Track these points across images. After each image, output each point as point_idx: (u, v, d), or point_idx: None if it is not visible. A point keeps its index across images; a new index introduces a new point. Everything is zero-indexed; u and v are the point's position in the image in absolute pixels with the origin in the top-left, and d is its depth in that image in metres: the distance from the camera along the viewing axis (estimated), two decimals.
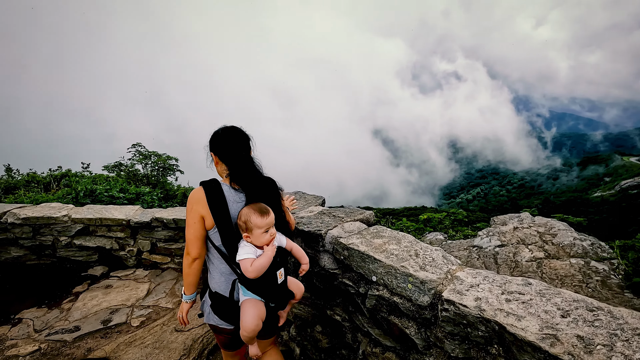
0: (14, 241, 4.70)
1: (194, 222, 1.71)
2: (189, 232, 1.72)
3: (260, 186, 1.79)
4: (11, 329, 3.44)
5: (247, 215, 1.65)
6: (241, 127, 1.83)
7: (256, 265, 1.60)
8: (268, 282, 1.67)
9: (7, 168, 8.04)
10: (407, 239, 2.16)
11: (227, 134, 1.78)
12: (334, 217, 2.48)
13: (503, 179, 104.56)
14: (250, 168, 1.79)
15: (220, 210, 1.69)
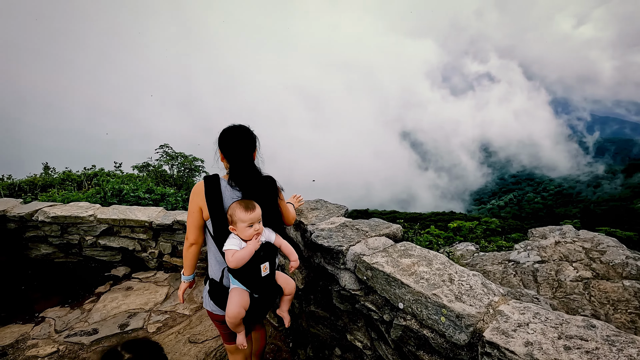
0: (44, 239, 4.82)
1: (193, 211, 1.89)
2: (189, 220, 1.92)
3: (255, 185, 1.90)
4: (34, 328, 3.47)
5: (233, 209, 1.78)
6: (248, 126, 1.94)
7: (236, 257, 1.72)
8: (252, 273, 1.79)
9: (45, 166, 8.39)
10: (439, 259, 1.91)
11: (231, 133, 1.89)
12: (357, 230, 2.26)
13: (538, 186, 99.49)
14: (248, 167, 1.90)
15: (215, 203, 1.84)
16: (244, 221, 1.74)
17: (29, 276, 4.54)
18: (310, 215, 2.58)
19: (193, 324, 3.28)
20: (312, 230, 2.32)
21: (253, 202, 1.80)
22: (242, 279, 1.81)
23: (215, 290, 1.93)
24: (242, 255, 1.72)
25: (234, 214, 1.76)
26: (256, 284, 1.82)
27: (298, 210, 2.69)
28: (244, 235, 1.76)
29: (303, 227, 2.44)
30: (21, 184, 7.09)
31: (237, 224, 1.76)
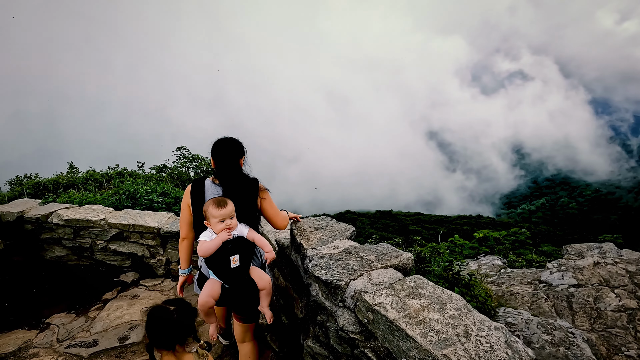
0: (58, 241, 4.86)
1: (183, 209, 2.20)
2: (181, 217, 2.22)
3: (235, 184, 2.12)
4: (37, 335, 3.44)
5: (206, 205, 1.97)
6: (238, 139, 2.21)
7: (204, 246, 1.91)
8: (221, 264, 1.95)
9: (71, 165, 8.63)
10: (454, 302, 1.62)
11: (219, 143, 2.17)
12: (362, 259, 2.00)
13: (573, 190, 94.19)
14: (231, 169, 2.13)
15: (197, 200, 2.11)
16: (215, 217, 1.92)
17: (42, 278, 4.58)
18: (312, 237, 2.34)
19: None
20: (312, 256, 2.07)
21: (225, 200, 1.97)
22: (214, 269, 2.01)
23: (201, 280, 2.19)
24: (208, 245, 1.90)
25: (207, 210, 1.96)
26: (226, 274, 1.98)
27: (300, 229, 2.46)
28: (216, 229, 1.94)
29: (303, 252, 2.20)
30: (46, 183, 7.29)
31: (209, 219, 1.96)
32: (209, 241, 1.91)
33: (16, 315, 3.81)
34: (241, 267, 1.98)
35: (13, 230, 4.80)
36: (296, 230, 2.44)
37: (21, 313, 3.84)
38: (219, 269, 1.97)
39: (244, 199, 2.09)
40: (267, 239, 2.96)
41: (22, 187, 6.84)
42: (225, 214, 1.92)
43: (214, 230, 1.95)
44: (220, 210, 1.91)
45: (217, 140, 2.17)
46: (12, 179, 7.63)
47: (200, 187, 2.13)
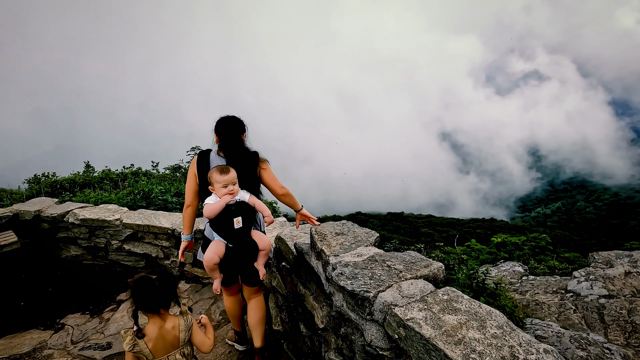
0: (73, 240, 4.86)
1: (190, 178, 2.37)
2: (186, 186, 2.39)
3: (237, 154, 2.34)
4: (52, 336, 3.41)
5: (211, 172, 2.18)
6: (239, 117, 2.44)
7: (209, 208, 2.10)
8: (225, 225, 2.16)
9: (87, 165, 8.71)
10: (494, 319, 1.48)
11: (223, 120, 2.40)
12: (389, 268, 1.87)
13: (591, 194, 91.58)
14: (234, 141, 2.35)
15: (203, 169, 2.32)
16: (218, 182, 2.12)
17: (58, 277, 4.58)
18: (334, 243, 2.22)
19: None
20: (335, 264, 1.96)
21: (228, 167, 2.16)
22: (218, 230, 2.21)
23: (206, 244, 2.38)
24: (213, 207, 2.09)
25: (212, 176, 2.16)
26: (229, 234, 2.19)
27: (321, 234, 2.34)
28: (219, 194, 2.14)
29: (325, 258, 2.08)
30: (63, 182, 7.35)
31: (214, 185, 2.15)
32: (213, 203, 2.11)
33: (32, 314, 3.80)
34: (244, 228, 2.20)
35: (30, 229, 4.83)
36: (316, 235, 2.33)
37: (37, 312, 3.83)
38: (223, 230, 2.18)
39: (245, 168, 2.31)
40: (285, 242, 2.85)
41: (40, 186, 6.91)
42: (228, 180, 2.12)
43: (217, 195, 2.15)
44: (223, 177, 2.11)
45: (220, 117, 2.40)
46: (31, 177, 7.73)
47: (206, 158, 2.34)
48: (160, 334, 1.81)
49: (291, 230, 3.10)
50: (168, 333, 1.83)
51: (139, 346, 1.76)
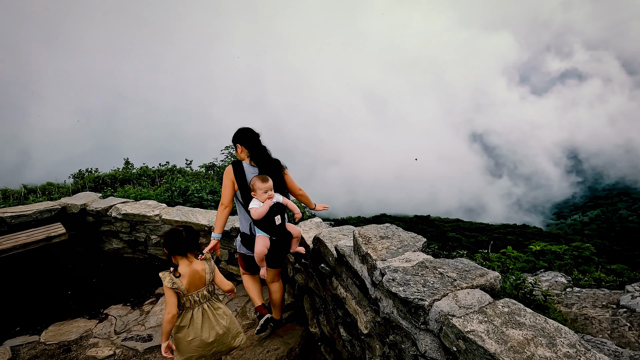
0: (115, 234, 5.06)
1: (227, 184, 2.73)
2: (224, 191, 2.74)
3: (267, 164, 2.76)
4: (97, 325, 3.56)
5: (253, 181, 2.61)
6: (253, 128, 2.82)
7: (257, 212, 2.56)
8: (269, 223, 2.66)
9: (126, 162, 9.08)
10: (565, 337, 1.37)
11: (247, 131, 2.78)
12: (441, 276, 1.79)
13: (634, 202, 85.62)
14: (262, 152, 2.77)
15: (241, 178, 2.71)
16: (260, 189, 2.57)
17: (101, 269, 4.78)
18: (380, 247, 2.16)
19: (243, 345, 3.05)
20: (383, 269, 1.90)
21: (267, 177, 2.61)
22: (263, 228, 2.68)
23: (245, 239, 2.86)
24: (260, 211, 2.56)
25: (255, 184, 2.59)
26: (272, 230, 2.70)
27: (365, 237, 2.29)
28: (261, 198, 2.58)
29: (371, 262, 2.03)
30: (105, 177, 7.71)
31: (256, 191, 2.59)
32: (259, 207, 2.56)
33: (78, 303, 3.99)
34: (282, 224, 2.74)
35: (76, 222, 5.07)
36: (360, 238, 2.28)
37: (82, 302, 4.01)
38: (267, 227, 2.67)
39: (274, 175, 2.71)
40: (324, 244, 2.82)
41: (84, 181, 7.28)
42: (268, 187, 2.58)
43: (259, 199, 2.59)
44: (264, 184, 2.57)
45: (243, 129, 2.76)
46: (76, 172, 8.15)
47: (241, 168, 2.72)
48: (190, 273, 2.18)
49: (329, 232, 3.07)
50: (197, 274, 2.22)
51: (177, 284, 2.12)
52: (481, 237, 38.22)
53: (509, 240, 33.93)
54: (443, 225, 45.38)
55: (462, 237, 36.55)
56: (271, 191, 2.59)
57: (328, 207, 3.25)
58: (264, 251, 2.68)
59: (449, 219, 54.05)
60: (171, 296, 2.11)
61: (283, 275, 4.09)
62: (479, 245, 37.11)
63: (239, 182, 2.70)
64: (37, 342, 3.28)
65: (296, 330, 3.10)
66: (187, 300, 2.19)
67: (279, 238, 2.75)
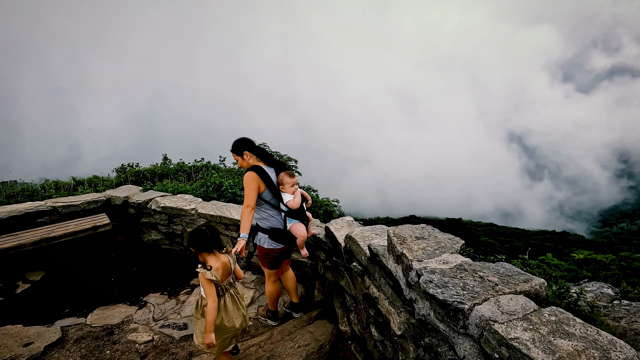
0: (154, 225, 5.30)
1: (253, 188, 2.86)
2: (251, 193, 2.86)
3: (279, 163, 3.13)
4: (137, 311, 3.74)
5: (282, 176, 3.00)
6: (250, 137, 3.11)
7: (295, 201, 2.96)
8: (301, 210, 3.05)
9: (165, 157, 9.48)
10: (620, 350, 1.28)
11: (250, 140, 3.06)
12: (481, 280, 1.72)
13: None
14: (270, 155, 3.13)
15: (268, 179, 2.93)
16: (289, 183, 2.96)
17: (140, 259, 5.03)
18: (416, 247, 2.11)
19: (274, 339, 3.11)
20: (420, 270, 1.85)
21: (293, 172, 3.00)
22: (297, 216, 3.05)
23: (277, 234, 3.01)
24: (297, 199, 2.97)
25: (283, 179, 2.98)
26: (303, 216, 3.10)
27: (400, 237, 2.25)
28: (289, 191, 2.97)
29: (407, 263, 1.99)
30: (145, 172, 8.09)
31: (284, 185, 2.97)
32: (295, 198, 2.96)
33: (120, 289, 4.22)
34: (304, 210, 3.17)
35: (119, 213, 5.36)
36: (395, 238, 2.24)
37: (123, 289, 4.24)
38: (300, 214, 3.06)
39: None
40: (356, 243, 2.80)
41: (126, 174, 7.68)
42: (295, 181, 2.98)
43: (288, 192, 2.96)
44: (293, 179, 2.97)
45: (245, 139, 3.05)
46: (118, 167, 8.62)
47: (264, 171, 2.94)
48: (221, 266, 2.43)
49: (362, 231, 3.04)
50: (225, 265, 2.49)
51: (215, 276, 2.35)
52: (516, 243, 36.48)
53: (547, 247, 32.14)
54: (475, 229, 43.76)
55: (496, 243, 35.08)
56: (297, 185, 3.01)
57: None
58: (305, 235, 3.07)
59: (481, 222, 52.01)
60: (211, 287, 2.31)
61: (314, 272, 4.11)
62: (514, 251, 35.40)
63: (267, 184, 2.91)
64: (83, 324, 3.51)
65: (326, 328, 3.11)
66: (221, 290, 2.43)
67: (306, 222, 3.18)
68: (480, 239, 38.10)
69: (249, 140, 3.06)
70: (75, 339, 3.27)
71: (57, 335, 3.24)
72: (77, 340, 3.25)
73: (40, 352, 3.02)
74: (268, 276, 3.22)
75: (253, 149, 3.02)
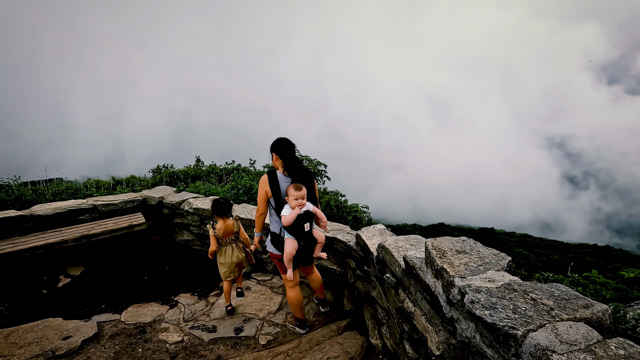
0: (186, 226, 5.42)
1: (261, 193, 2.96)
2: (260, 199, 2.99)
3: (300, 174, 2.92)
4: (168, 311, 3.80)
5: (288, 188, 2.80)
6: (289, 138, 2.98)
7: (287, 219, 2.77)
8: (298, 229, 2.85)
9: (197, 159, 9.74)
10: None
11: (283, 142, 2.95)
12: (534, 302, 1.57)
13: None
14: (295, 163, 2.93)
15: (275, 187, 2.89)
16: (293, 196, 2.75)
17: (172, 258, 5.14)
18: (457, 262, 1.98)
19: (302, 348, 3.04)
20: (463, 287, 1.72)
21: (301, 185, 2.80)
22: (293, 233, 2.87)
23: (275, 239, 3.05)
24: (290, 218, 2.76)
25: (289, 191, 2.79)
26: (301, 235, 2.89)
27: (439, 250, 2.12)
28: (292, 205, 2.77)
29: (447, 279, 1.86)
30: (179, 173, 8.34)
31: (289, 197, 2.78)
32: (289, 215, 2.77)
33: (153, 288, 4.32)
34: (310, 230, 2.92)
35: (153, 213, 5.53)
36: (434, 251, 2.11)
37: (156, 287, 4.34)
38: (297, 233, 2.87)
39: (306, 185, 2.85)
40: (390, 253, 2.69)
41: (161, 175, 7.94)
42: (300, 195, 2.75)
43: (290, 205, 2.79)
44: (297, 192, 2.75)
45: (280, 140, 2.95)
46: (154, 167, 8.94)
47: (275, 177, 2.91)
48: (225, 226, 3.46)
49: (395, 241, 2.93)
50: (229, 226, 3.49)
51: (217, 232, 3.43)
52: (553, 256, 34.41)
53: (588, 262, 30.08)
54: (508, 240, 41.78)
55: (531, 255, 33.32)
56: (303, 199, 2.77)
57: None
58: (292, 252, 2.86)
59: (515, 233, 49.68)
60: (213, 239, 3.47)
61: (343, 280, 4.02)
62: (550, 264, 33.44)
63: (273, 190, 2.89)
64: (118, 320, 3.61)
65: (357, 340, 3.00)
66: (223, 241, 3.51)
67: (306, 243, 2.95)
68: (513, 250, 36.30)
69: (282, 142, 2.94)
70: (110, 335, 3.36)
71: (93, 331, 3.35)
72: (111, 337, 3.34)
73: (78, 346, 3.12)
74: (284, 281, 3.24)
75: (282, 152, 2.92)
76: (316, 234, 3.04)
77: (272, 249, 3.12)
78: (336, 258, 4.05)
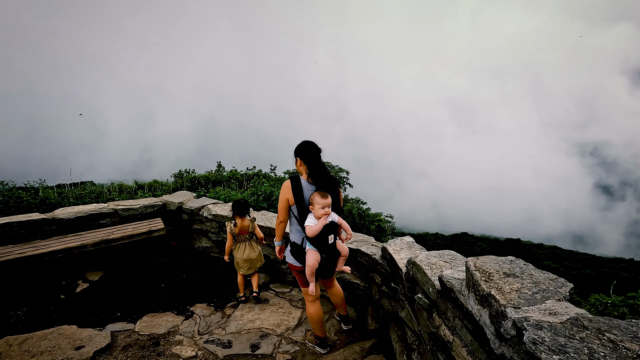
0: (205, 233, 5.30)
1: (283, 200, 2.74)
2: (280, 206, 2.78)
3: (325, 182, 2.72)
4: (183, 322, 3.65)
5: (314, 195, 2.61)
6: (315, 142, 2.80)
7: (312, 230, 2.57)
8: (321, 241, 2.64)
9: (219, 165, 9.74)
10: None
11: (309, 145, 2.75)
12: (613, 345, 1.27)
13: None
14: (321, 169, 2.73)
15: (298, 194, 2.68)
16: (319, 204, 2.55)
17: (190, 266, 5.02)
18: (507, 288, 1.69)
19: None
20: (519, 321, 1.44)
21: (327, 194, 2.60)
22: (316, 245, 2.66)
23: (295, 250, 2.86)
24: (315, 229, 2.55)
25: (314, 199, 2.58)
26: (325, 248, 2.67)
27: (484, 272, 1.84)
28: (317, 214, 2.57)
29: (497, 308, 1.58)
30: (200, 178, 8.32)
31: (314, 205, 2.58)
32: (314, 226, 2.56)
33: (169, 297, 4.18)
34: (334, 243, 2.71)
35: (173, 218, 5.45)
36: (478, 273, 1.83)
37: (172, 296, 4.21)
38: (320, 245, 2.65)
39: (331, 193, 2.68)
40: (422, 271, 2.42)
41: (183, 180, 7.94)
42: (326, 204, 2.56)
43: (315, 214, 2.59)
44: (323, 200, 2.56)
45: (304, 143, 2.76)
46: (176, 172, 8.98)
47: (299, 184, 2.70)
48: (241, 225, 3.82)
49: (427, 257, 2.65)
50: (245, 224, 3.84)
51: (232, 230, 3.82)
52: (585, 270, 32.50)
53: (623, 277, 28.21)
54: (536, 252, 39.88)
55: (561, 268, 31.62)
56: (328, 208, 2.58)
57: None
58: (315, 265, 2.68)
59: (544, 245, 47.41)
60: (230, 235, 3.84)
61: (367, 296, 3.75)
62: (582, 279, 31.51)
63: (296, 198, 2.69)
64: (132, 330, 3.48)
65: None
66: (239, 238, 3.88)
67: (329, 255, 2.74)
68: (542, 263, 34.50)
69: (308, 145, 2.74)
70: (123, 346, 3.23)
71: (106, 341, 3.22)
72: (124, 348, 3.20)
73: (90, 357, 3.00)
74: (304, 295, 3.05)
75: (306, 157, 2.71)
76: (340, 246, 2.81)
77: (292, 260, 2.91)
78: (359, 272, 3.79)
